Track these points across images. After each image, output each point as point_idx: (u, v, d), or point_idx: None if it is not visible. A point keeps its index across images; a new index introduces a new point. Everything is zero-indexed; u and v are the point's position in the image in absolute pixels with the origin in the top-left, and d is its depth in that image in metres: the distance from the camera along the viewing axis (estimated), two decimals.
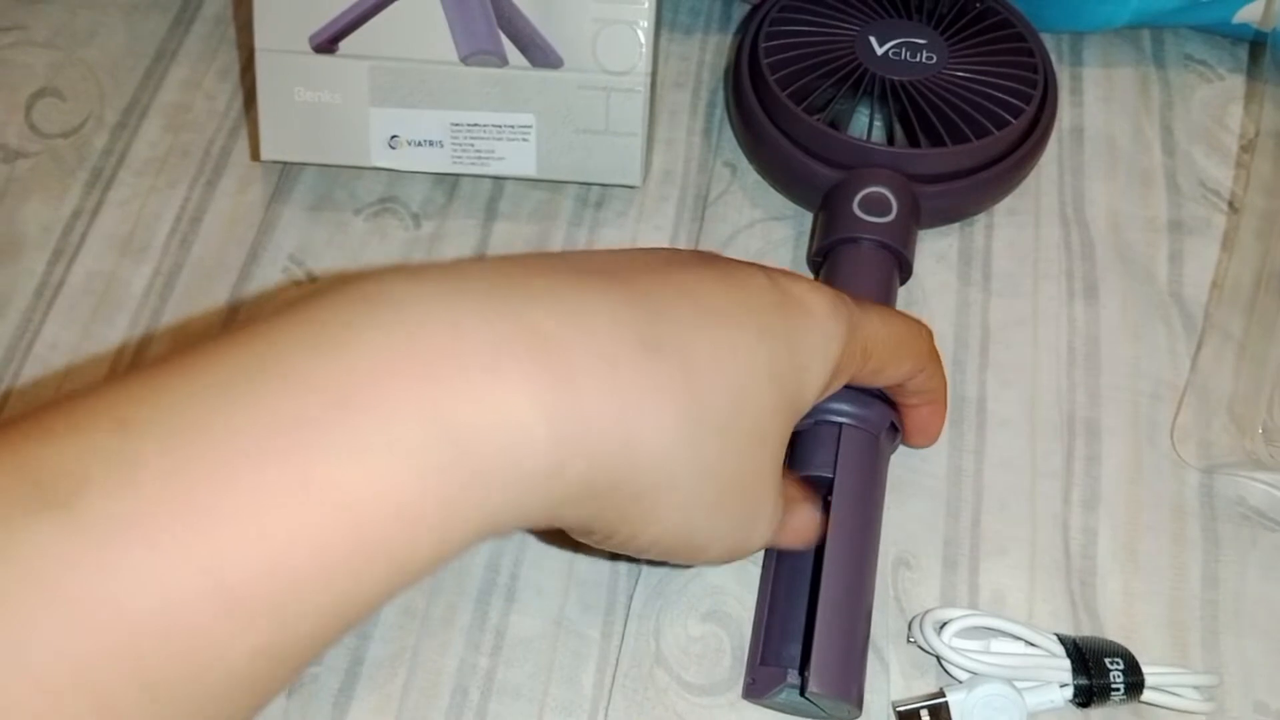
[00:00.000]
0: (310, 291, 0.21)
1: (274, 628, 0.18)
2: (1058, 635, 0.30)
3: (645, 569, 0.33)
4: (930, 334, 0.31)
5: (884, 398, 0.32)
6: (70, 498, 0.17)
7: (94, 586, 0.17)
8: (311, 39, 0.37)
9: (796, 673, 0.29)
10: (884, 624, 0.32)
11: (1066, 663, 0.29)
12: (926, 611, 0.31)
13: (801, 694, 0.28)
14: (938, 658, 0.30)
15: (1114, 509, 0.34)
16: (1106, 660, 0.29)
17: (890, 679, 0.31)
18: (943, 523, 0.34)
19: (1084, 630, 0.32)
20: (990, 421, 0.36)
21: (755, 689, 0.30)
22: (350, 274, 0.21)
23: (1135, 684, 0.29)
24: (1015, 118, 0.38)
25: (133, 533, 0.17)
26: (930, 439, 0.34)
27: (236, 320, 0.39)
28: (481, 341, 0.20)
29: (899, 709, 0.30)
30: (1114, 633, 0.32)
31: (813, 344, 0.25)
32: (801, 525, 0.29)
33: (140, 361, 0.38)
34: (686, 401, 0.22)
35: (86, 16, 0.46)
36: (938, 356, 0.31)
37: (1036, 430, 0.36)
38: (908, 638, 0.31)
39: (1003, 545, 0.34)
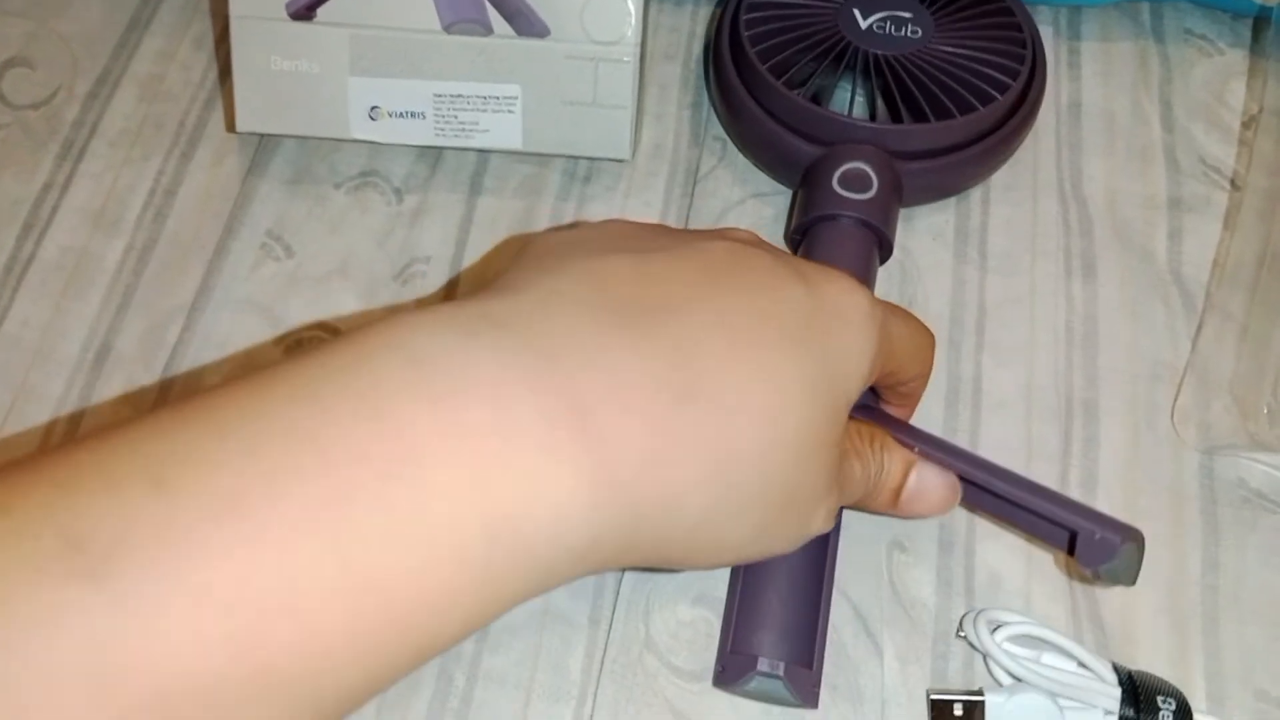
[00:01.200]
0: (345, 340, 0.21)
1: (302, 704, 0.18)
2: (1114, 664, 0.29)
3: None
4: (934, 340, 0.31)
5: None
6: (106, 563, 0.17)
7: (124, 657, 0.16)
8: (288, 6, 0.36)
9: (768, 660, 0.28)
10: (879, 609, 0.31)
11: (1117, 691, 0.29)
12: (982, 609, 0.30)
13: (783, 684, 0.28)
14: (985, 656, 0.30)
15: (1112, 492, 0.33)
16: (1159, 698, 0.29)
17: (884, 664, 0.31)
18: None
19: (1080, 613, 0.31)
20: (986, 402, 0.35)
21: (725, 676, 0.29)
22: (387, 320, 0.21)
23: None
24: (1001, 93, 0.37)
25: (168, 604, 0.17)
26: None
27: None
28: (523, 417, 0.20)
29: (933, 697, 0.29)
30: (1112, 616, 0.31)
31: (850, 352, 0.25)
32: (933, 488, 0.29)
33: (105, 351, 0.37)
34: (724, 446, 0.22)
35: None
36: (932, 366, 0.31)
37: (1033, 411, 0.35)
38: (956, 631, 0.31)
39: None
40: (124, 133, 0.41)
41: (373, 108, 0.37)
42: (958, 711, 0.29)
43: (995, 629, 0.30)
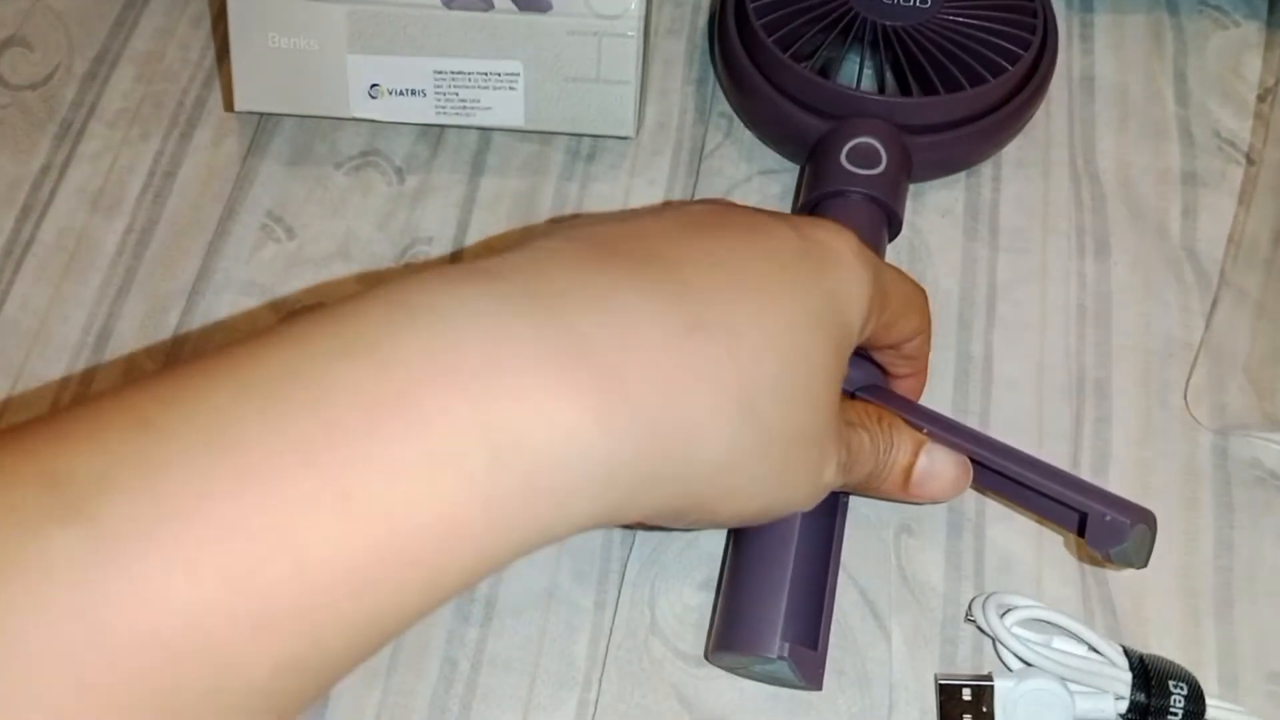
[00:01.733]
0: (337, 301, 0.20)
1: (302, 643, 0.17)
2: (1125, 648, 0.29)
3: (639, 536, 0.32)
4: (928, 298, 0.30)
5: (870, 360, 0.31)
6: (90, 505, 0.16)
7: (111, 600, 0.16)
8: None
9: (778, 642, 0.28)
10: (887, 593, 0.31)
11: (1128, 676, 0.28)
12: (992, 593, 0.30)
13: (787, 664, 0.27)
14: (994, 640, 0.30)
15: (1124, 472, 0.33)
16: (1170, 683, 0.28)
17: (892, 648, 0.30)
18: None
19: (1091, 596, 0.31)
20: (997, 382, 0.35)
21: (730, 657, 0.29)
22: (388, 275, 0.20)
23: (1195, 713, 0.28)
24: (1012, 64, 0.36)
25: (154, 542, 0.16)
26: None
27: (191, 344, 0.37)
28: (525, 347, 0.19)
29: (941, 681, 0.29)
30: (1123, 599, 0.31)
31: (848, 288, 0.25)
32: (944, 469, 0.28)
33: (106, 334, 0.36)
34: (737, 375, 0.22)
35: None
36: (931, 322, 0.30)
37: (1044, 391, 0.34)
38: (966, 615, 0.30)
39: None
40: (122, 113, 0.40)
41: (372, 85, 0.37)
42: (966, 696, 0.29)
43: (1005, 613, 0.30)
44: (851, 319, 0.25)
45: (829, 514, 0.29)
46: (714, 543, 0.32)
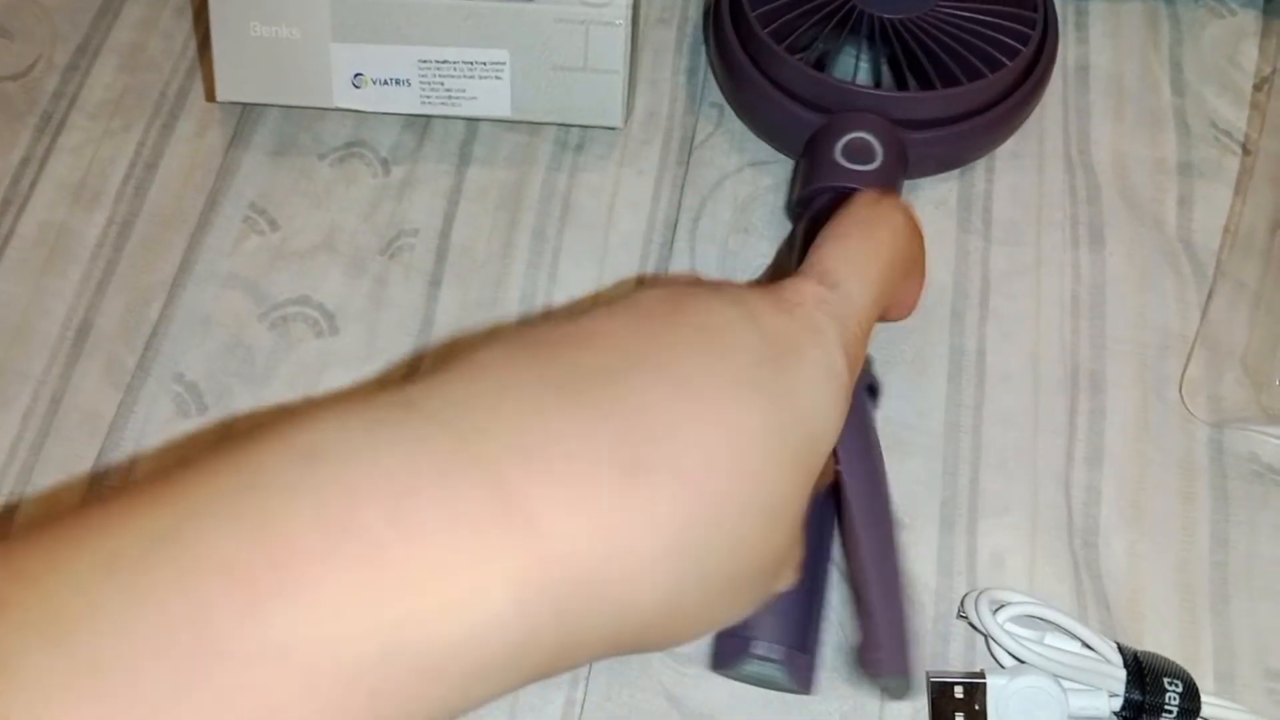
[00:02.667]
0: (246, 438, 0.18)
1: None
2: (1119, 645, 0.29)
3: None
4: (896, 208, 0.27)
5: None
6: None
7: None
8: None
9: (764, 644, 0.27)
10: None
11: (1122, 673, 0.28)
12: (985, 589, 0.30)
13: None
14: (986, 637, 0.29)
15: (1119, 466, 0.33)
16: (1165, 680, 0.28)
17: None
18: (940, 481, 0.32)
19: (1085, 592, 0.31)
20: (990, 375, 0.34)
21: (721, 660, 0.28)
22: (301, 412, 0.19)
23: (1190, 710, 0.28)
24: (1011, 59, 0.35)
25: None
26: (910, 308, 0.30)
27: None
28: (426, 509, 0.17)
29: (933, 679, 0.29)
30: (1118, 595, 0.31)
31: (812, 378, 0.22)
32: None
33: (86, 328, 0.36)
34: (683, 518, 0.20)
35: None
36: (913, 226, 0.28)
37: (1039, 384, 0.34)
38: (958, 612, 0.30)
39: (1002, 504, 0.32)
40: (104, 104, 0.40)
41: (356, 75, 0.36)
42: (958, 694, 0.28)
43: (997, 609, 0.29)
44: (818, 425, 0.22)
45: (821, 519, 0.29)
46: None
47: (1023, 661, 0.29)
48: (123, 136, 0.39)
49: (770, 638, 0.27)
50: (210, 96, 0.40)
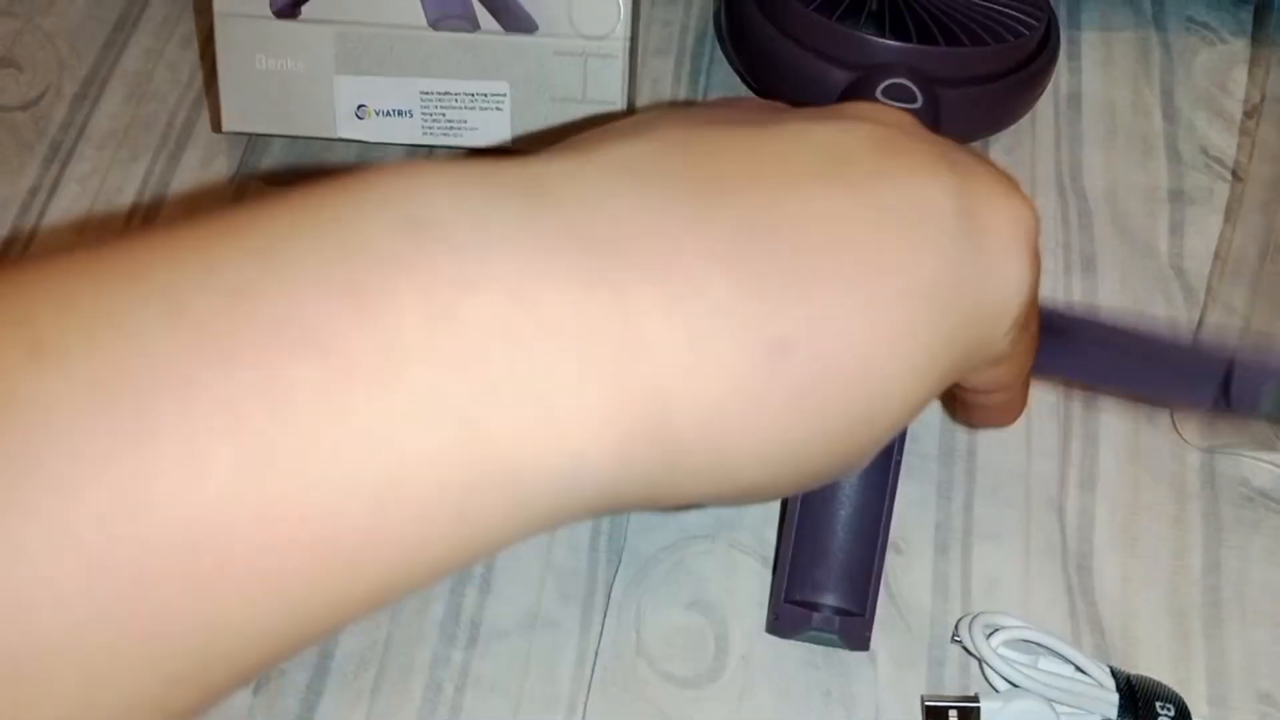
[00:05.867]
0: (333, 184, 0.16)
1: (208, 667, 0.15)
2: (1110, 668, 0.29)
3: (625, 556, 0.32)
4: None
5: None
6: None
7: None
8: (273, 3, 0.35)
9: (823, 616, 0.28)
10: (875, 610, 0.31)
11: (1114, 697, 0.28)
12: (979, 613, 0.30)
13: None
14: (981, 661, 0.29)
15: (1112, 490, 0.33)
16: (1157, 704, 0.28)
17: (878, 669, 0.30)
18: (934, 505, 0.33)
19: (1079, 616, 0.31)
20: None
21: (780, 626, 0.29)
22: (395, 165, 0.16)
23: None
24: (1033, 25, 0.37)
25: (26, 537, 0.13)
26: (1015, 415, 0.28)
27: None
28: (546, 323, 0.15)
29: (928, 703, 0.29)
30: (1111, 618, 0.31)
31: (1000, 295, 0.19)
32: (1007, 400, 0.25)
33: None
34: (808, 425, 0.17)
35: None
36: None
37: (1032, 408, 0.34)
38: (952, 636, 0.30)
39: (997, 528, 0.32)
40: (111, 134, 0.41)
41: (359, 106, 0.37)
42: (953, 717, 0.28)
43: (991, 633, 0.29)
44: (992, 346, 0.20)
45: (882, 470, 0.29)
46: (702, 564, 0.32)
47: (1016, 685, 0.29)
48: (130, 166, 0.40)
49: (830, 602, 0.28)
50: (216, 127, 0.40)
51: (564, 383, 0.15)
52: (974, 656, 0.30)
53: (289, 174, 0.40)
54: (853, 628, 0.29)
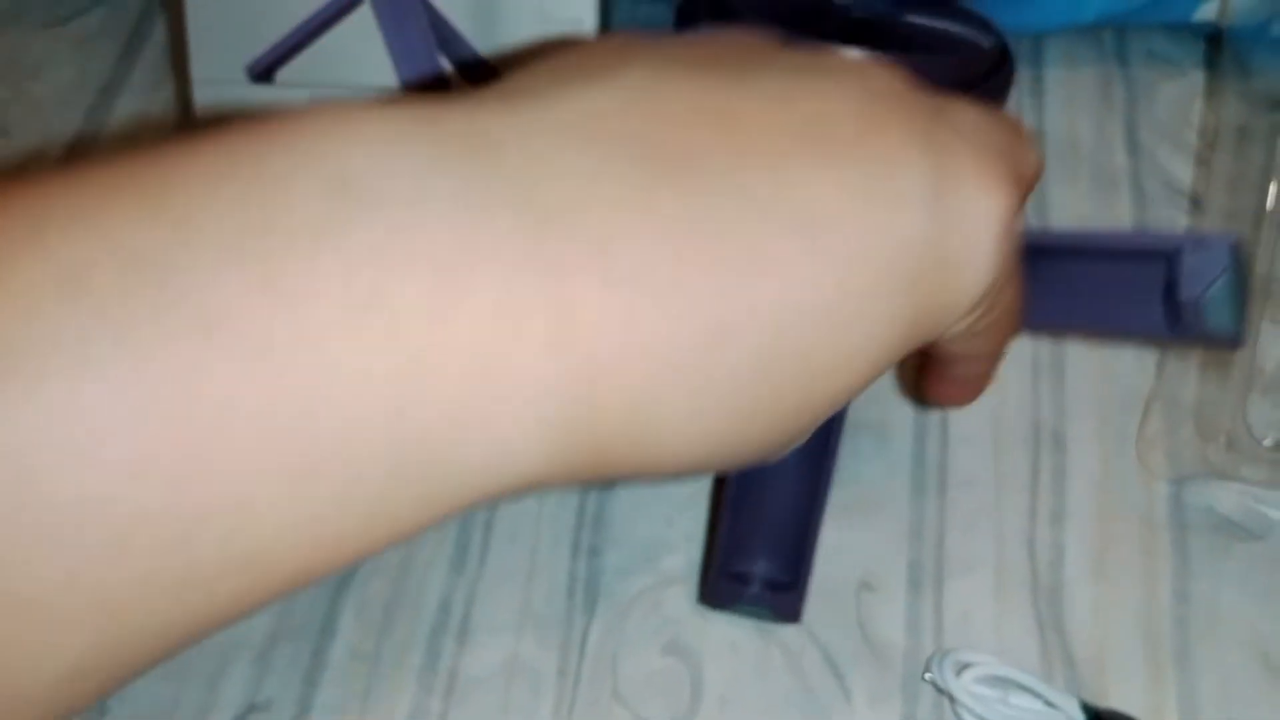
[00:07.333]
0: (258, 129, 0.15)
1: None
2: (1081, 702, 0.29)
3: (601, 602, 0.32)
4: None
5: None
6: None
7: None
8: (249, 67, 0.36)
9: (752, 589, 0.29)
10: (848, 648, 0.31)
11: None
12: (949, 650, 0.30)
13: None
14: (951, 698, 0.30)
15: (1082, 522, 0.33)
16: None
17: (853, 706, 0.30)
18: (906, 543, 0.33)
19: (1051, 649, 0.31)
20: (953, 436, 0.35)
21: (711, 597, 0.30)
22: (328, 108, 0.15)
23: None
24: (983, 42, 0.37)
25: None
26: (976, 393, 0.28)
27: None
28: (487, 310, 0.15)
29: None
30: (1083, 650, 0.31)
31: (958, 287, 0.19)
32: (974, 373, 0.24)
33: None
34: (744, 409, 0.17)
35: (40, 47, 0.45)
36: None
37: (1001, 443, 0.35)
38: (923, 674, 0.31)
39: (968, 564, 0.33)
40: None
41: None
42: None
43: (961, 670, 0.30)
44: (944, 330, 0.19)
45: (824, 440, 0.29)
46: (678, 607, 0.32)
47: None
48: None
49: (763, 573, 0.29)
50: None
51: (488, 369, 0.15)
52: (945, 694, 0.30)
53: None
54: (784, 601, 0.29)
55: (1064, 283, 0.24)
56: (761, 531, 0.29)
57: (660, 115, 0.17)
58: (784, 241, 0.17)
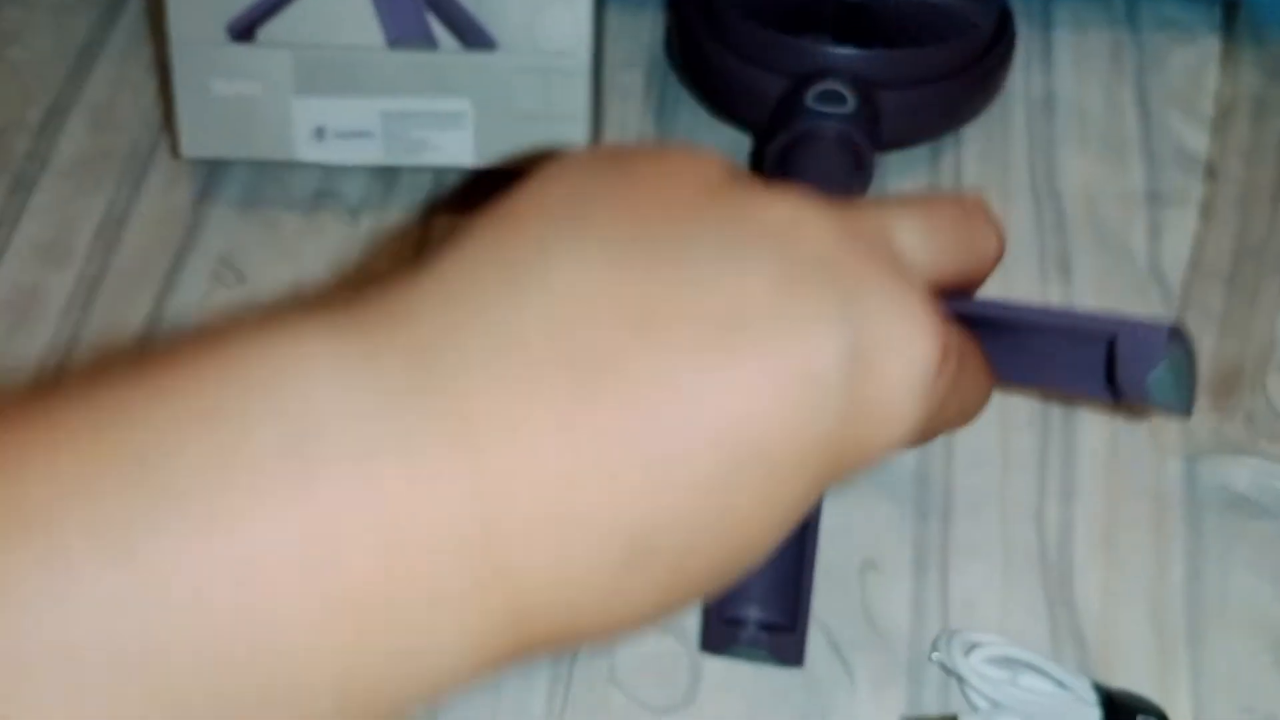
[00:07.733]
0: (209, 362, 0.16)
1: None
2: (1093, 683, 0.28)
3: None
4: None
5: None
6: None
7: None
8: (230, 26, 0.35)
9: (749, 629, 0.28)
10: (852, 631, 0.30)
11: (1097, 712, 0.28)
12: (957, 630, 0.29)
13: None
14: (959, 679, 0.29)
15: (1091, 501, 0.32)
16: (1139, 717, 0.28)
17: (856, 688, 0.30)
18: (911, 524, 0.32)
19: (1060, 629, 0.30)
20: None
21: (709, 642, 0.29)
22: (271, 338, 0.17)
23: None
24: (978, 23, 0.36)
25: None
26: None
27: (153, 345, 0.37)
28: (425, 545, 0.16)
29: None
30: (1092, 631, 0.30)
31: (876, 445, 0.19)
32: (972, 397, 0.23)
33: (64, 372, 0.36)
34: (663, 601, 0.18)
35: (13, 15, 0.44)
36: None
37: (1008, 420, 0.34)
38: (930, 654, 0.30)
39: (975, 544, 0.32)
40: (76, 162, 0.40)
41: (318, 128, 0.36)
42: None
43: (970, 650, 0.29)
44: (869, 465, 0.20)
45: None
46: None
47: (997, 703, 0.28)
48: (94, 194, 0.39)
49: (758, 618, 0.28)
50: (177, 153, 0.40)
51: (432, 612, 0.16)
52: (953, 675, 0.29)
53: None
54: (784, 642, 0.28)
55: (1014, 354, 0.24)
56: (752, 575, 0.28)
57: (583, 320, 0.17)
58: (699, 454, 0.17)
